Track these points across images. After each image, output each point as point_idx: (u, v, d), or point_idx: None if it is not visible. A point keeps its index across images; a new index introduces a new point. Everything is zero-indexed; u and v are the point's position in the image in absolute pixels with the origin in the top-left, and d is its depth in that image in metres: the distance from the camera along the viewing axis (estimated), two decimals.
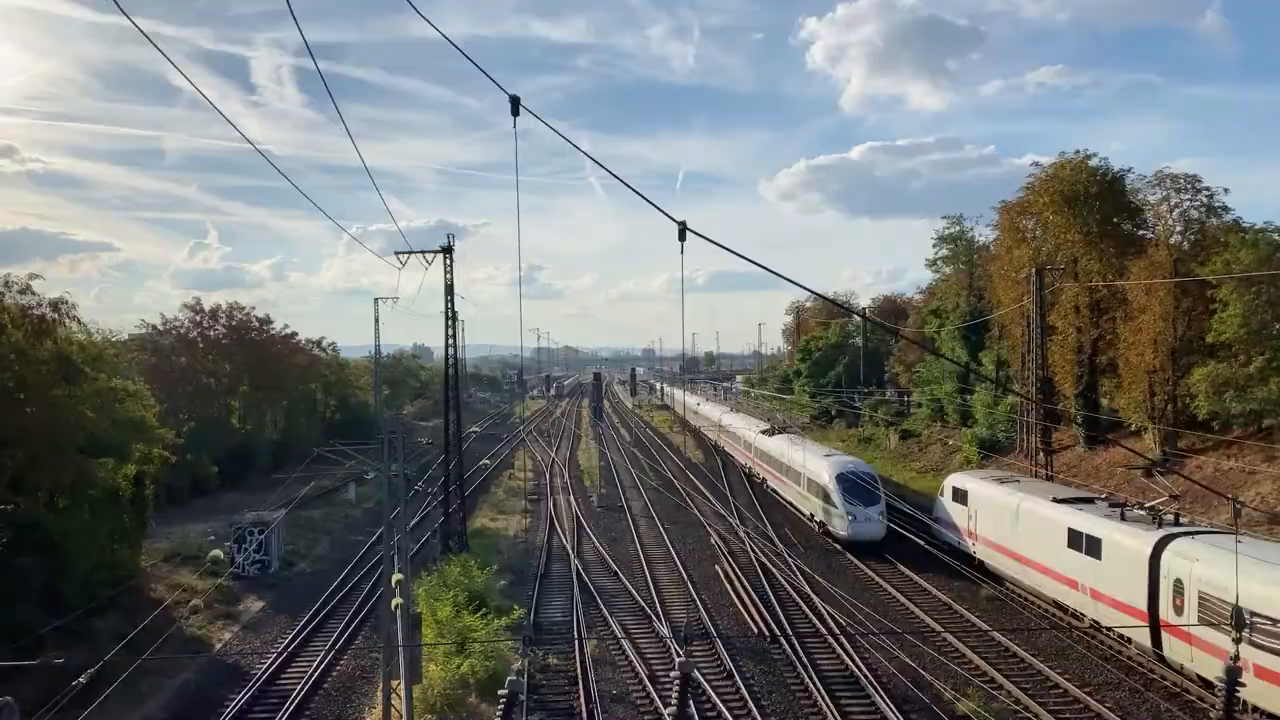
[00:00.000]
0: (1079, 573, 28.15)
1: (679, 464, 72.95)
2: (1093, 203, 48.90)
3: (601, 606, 32.46)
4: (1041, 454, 46.62)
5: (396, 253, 41.91)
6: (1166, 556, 24.38)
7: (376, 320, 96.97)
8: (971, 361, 67.29)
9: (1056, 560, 29.52)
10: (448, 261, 41.92)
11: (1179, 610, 23.42)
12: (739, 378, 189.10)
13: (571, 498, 56.95)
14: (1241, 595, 19.99)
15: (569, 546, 42.45)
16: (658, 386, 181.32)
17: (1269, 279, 37.78)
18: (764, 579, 35.37)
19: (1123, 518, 27.53)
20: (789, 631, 28.75)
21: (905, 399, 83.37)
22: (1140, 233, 48.85)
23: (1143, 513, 27.60)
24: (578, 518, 49.59)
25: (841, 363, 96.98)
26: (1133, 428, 47.35)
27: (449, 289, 42.09)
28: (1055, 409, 51.45)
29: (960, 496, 37.33)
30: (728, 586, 34.97)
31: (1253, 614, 20.35)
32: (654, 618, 30.81)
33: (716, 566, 38.06)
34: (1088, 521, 28.33)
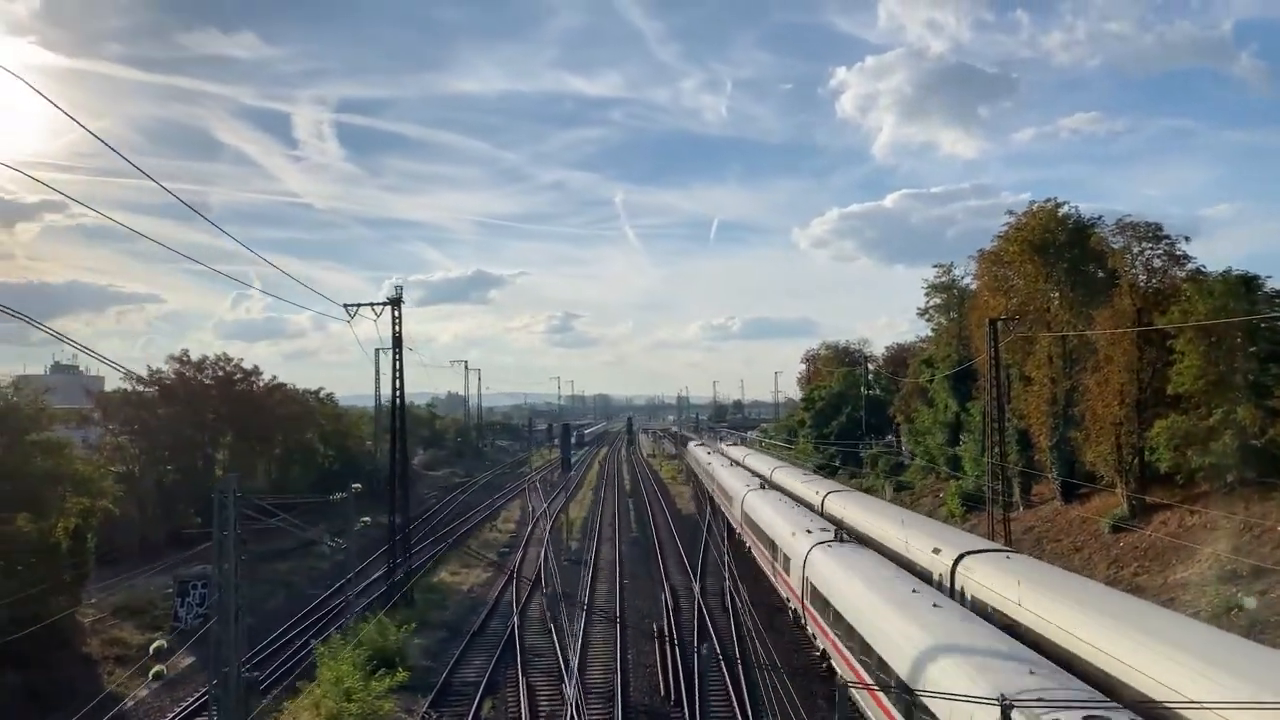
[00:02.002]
0: None
1: (668, 517, 72.02)
2: (1061, 251, 48.04)
3: (519, 666, 31.79)
4: (1010, 508, 45.35)
5: (345, 305, 42.10)
6: None
7: (377, 370, 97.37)
8: (961, 412, 65.99)
9: None
10: (396, 314, 42.08)
11: None
12: (762, 426, 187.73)
13: (544, 549, 56.30)
14: None
15: (515, 602, 41.82)
16: (678, 435, 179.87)
17: (1224, 328, 36.58)
18: (695, 640, 34.48)
19: None
20: (695, 696, 27.87)
21: (903, 449, 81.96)
22: (1115, 280, 47.75)
23: None
24: (539, 573, 48.90)
25: (845, 411, 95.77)
26: (1106, 481, 45.87)
27: (397, 340, 42.18)
28: (1019, 467, 50.08)
29: None
30: (655, 647, 34.11)
31: None
32: (564, 679, 30.05)
33: (655, 624, 37.18)
34: None
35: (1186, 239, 42.62)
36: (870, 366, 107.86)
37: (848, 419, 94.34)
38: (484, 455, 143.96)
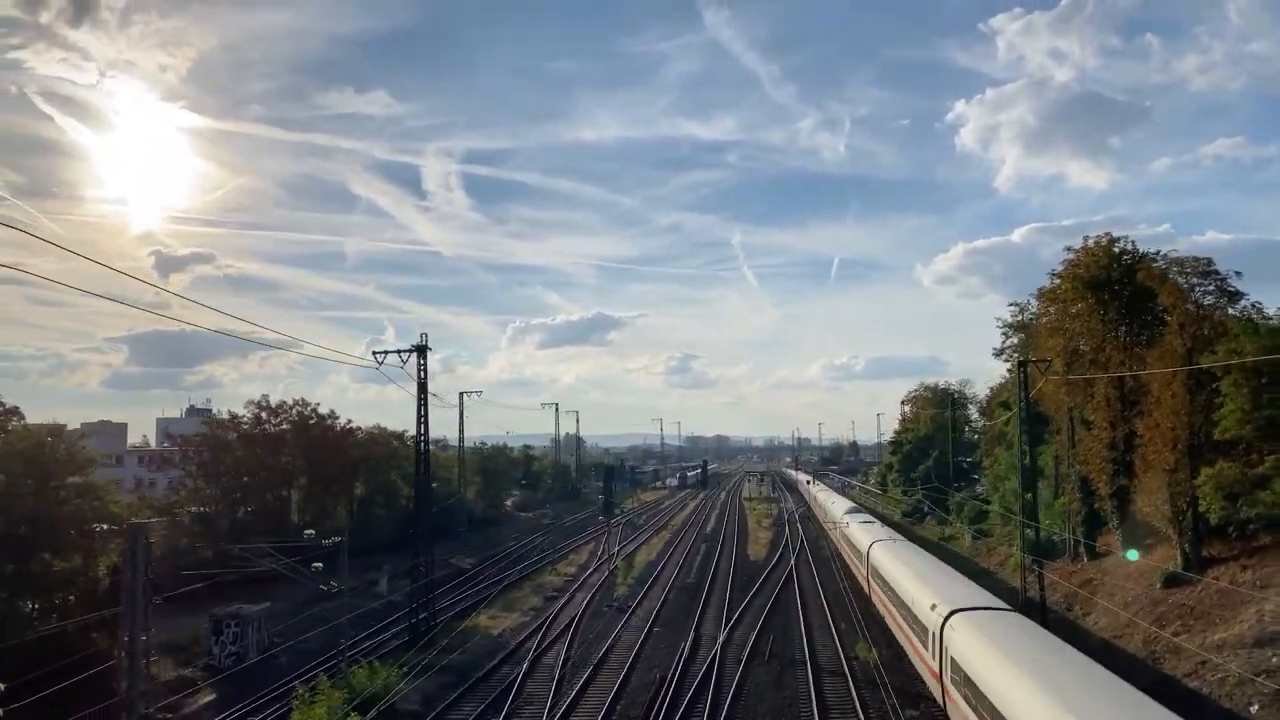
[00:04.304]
0: None
1: (733, 563, 70.74)
2: (1117, 288, 45.61)
3: (502, 713, 31.75)
4: (1076, 559, 42.72)
5: (374, 352, 43.36)
6: None
7: (461, 413, 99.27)
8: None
9: None
10: (422, 362, 43.13)
11: None
12: (865, 470, 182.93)
13: (591, 595, 56.14)
14: None
15: (535, 649, 41.78)
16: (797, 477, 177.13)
17: (1273, 370, 33.88)
18: (694, 695, 33.77)
19: None
20: None
21: (981, 495, 78.59)
22: (1166, 319, 44.99)
23: None
24: (575, 619, 48.71)
25: (933, 455, 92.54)
26: (1162, 533, 42.84)
27: (422, 387, 43.18)
28: (1080, 516, 47.27)
29: None
30: (654, 696, 33.49)
31: None
32: None
33: (658, 673, 36.54)
34: None
35: (1238, 274, 39.85)
36: (973, 408, 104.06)
37: (935, 463, 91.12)
38: (579, 496, 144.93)
